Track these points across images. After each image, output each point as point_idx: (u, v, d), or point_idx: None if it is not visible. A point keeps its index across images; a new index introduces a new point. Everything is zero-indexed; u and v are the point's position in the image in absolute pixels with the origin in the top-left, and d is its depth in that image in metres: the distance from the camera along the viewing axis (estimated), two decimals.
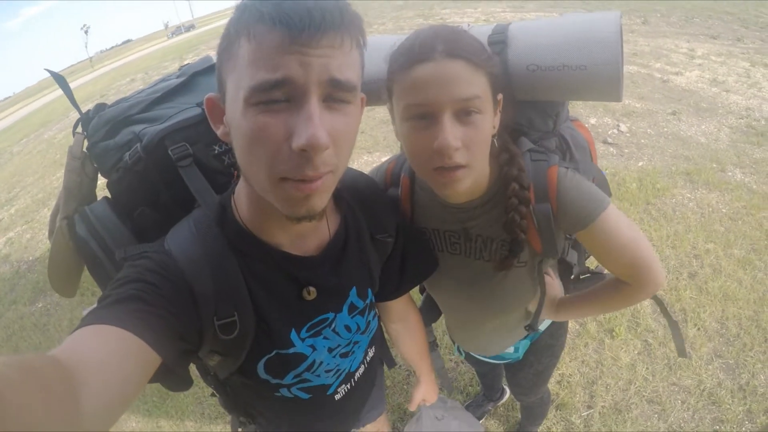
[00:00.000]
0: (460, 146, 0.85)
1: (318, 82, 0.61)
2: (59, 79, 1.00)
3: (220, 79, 0.69)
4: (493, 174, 1.04)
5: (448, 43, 0.84)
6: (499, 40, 0.98)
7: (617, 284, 1.11)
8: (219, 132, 0.73)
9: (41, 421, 0.40)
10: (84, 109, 1.01)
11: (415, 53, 0.85)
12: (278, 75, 0.59)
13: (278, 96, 0.60)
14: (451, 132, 0.84)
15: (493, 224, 1.07)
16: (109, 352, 0.57)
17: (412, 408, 1.49)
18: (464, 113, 0.85)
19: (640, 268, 1.03)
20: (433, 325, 1.55)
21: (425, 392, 1.45)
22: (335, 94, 0.64)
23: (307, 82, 0.60)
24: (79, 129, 1.00)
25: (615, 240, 1.00)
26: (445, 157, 0.85)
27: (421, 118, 0.87)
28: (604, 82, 0.91)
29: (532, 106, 1.06)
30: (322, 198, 0.69)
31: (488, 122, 0.89)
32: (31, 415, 0.39)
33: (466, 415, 1.70)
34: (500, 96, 0.93)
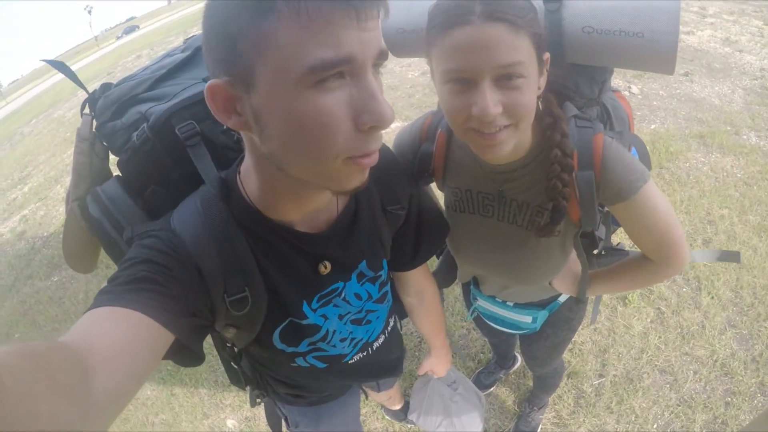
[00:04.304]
0: (500, 111, 0.82)
1: (372, 57, 0.59)
2: (59, 66, 0.97)
3: (234, 60, 0.59)
4: (535, 137, 1.01)
5: (488, 3, 0.78)
6: None
7: (641, 262, 1.11)
8: (231, 122, 0.65)
9: (46, 409, 0.40)
10: (92, 89, 0.99)
11: (452, 14, 0.80)
12: (342, 53, 0.55)
13: (336, 75, 0.57)
14: (491, 99, 0.81)
15: (530, 188, 1.05)
16: (120, 334, 0.57)
17: (420, 373, 1.53)
18: (505, 78, 0.81)
19: (668, 246, 1.03)
20: (445, 291, 1.53)
21: (435, 365, 1.50)
22: (379, 65, 0.63)
23: (365, 58, 0.58)
24: (87, 110, 0.98)
25: (650, 215, 0.99)
26: (485, 124, 0.83)
27: (459, 83, 0.83)
28: (659, 52, 0.87)
29: (581, 71, 1.02)
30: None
31: (532, 84, 0.85)
32: (35, 402, 0.39)
33: (471, 399, 1.66)
34: (547, 55, 0.88)
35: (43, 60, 1.01)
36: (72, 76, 0.97)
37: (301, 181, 0.69)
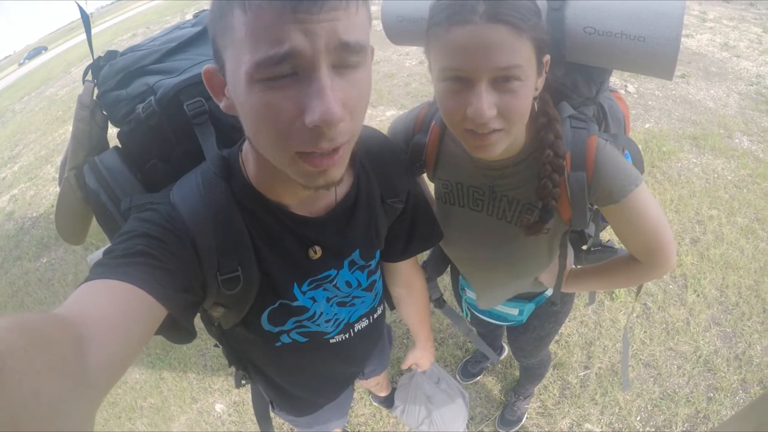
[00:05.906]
0: (495, 114, 0.82)
1: (326, 50, 0.55)
2: (85, 17, 0.98)
3: (215, 50, 0.64)
4: (529, 135, 1.01)
5: (492, 3, 0.77)
6: None
7: (629, 262, 1.12)
8: (222, 105, 0.68)
9: (45, 386, 0.39)
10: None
11: (454, 12, 0.79)
12: (282, 49, 0.53)
13: (284, 70, 0.55)
14: (487, 100, 0.80)
15: (521, 186, 1.05)
16: (115, 307, 0.57)
17: (404, 367, 1.55)
18: (503, 80, 0.81)
19: (657, 249, 1.03)
20: (438, 280, 1.54)
21: (419, 357, 1.51)
22: (345, 58, 0.58)
23: (314, 52, 0.55)
24: (89, 77, 0.97)
25: (641, 218, 0.99)
26: (479, 125, 0.83)
27: (456, 81, 0.83)
28: (659, 57, 0.87)
29: (580, 70, 1.01)
30: (340, 168, 0.67)
31: (529, 88, 0.85)
32: (36, 380, 0.38)
33: (455, 396, 1.67)
34: (547, 57, 0.88)
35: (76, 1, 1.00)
36: (89, 33, 0.98)
37: None
